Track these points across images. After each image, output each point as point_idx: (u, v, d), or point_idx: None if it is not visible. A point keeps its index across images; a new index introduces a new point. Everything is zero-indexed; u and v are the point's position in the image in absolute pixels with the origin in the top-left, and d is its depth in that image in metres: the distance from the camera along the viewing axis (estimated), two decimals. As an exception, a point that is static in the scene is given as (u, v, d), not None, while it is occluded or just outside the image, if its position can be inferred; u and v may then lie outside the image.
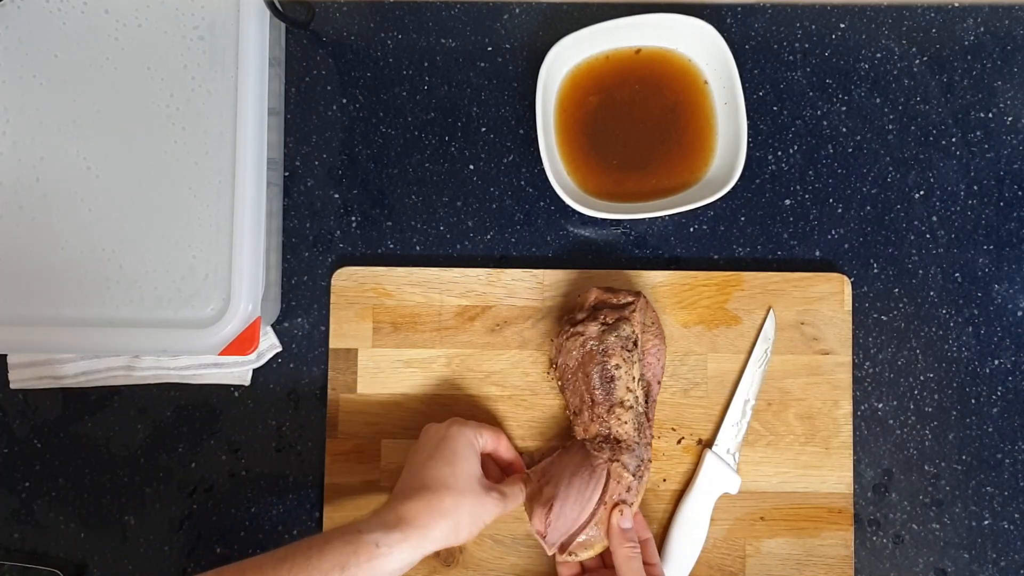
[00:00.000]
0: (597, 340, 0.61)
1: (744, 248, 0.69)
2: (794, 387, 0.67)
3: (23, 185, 0.63)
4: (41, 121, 0.63)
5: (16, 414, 0.68)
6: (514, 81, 0.70)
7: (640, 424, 0.62)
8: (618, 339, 0.61)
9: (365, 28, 0.71)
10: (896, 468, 0.68)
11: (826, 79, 0.70)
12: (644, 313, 0.64)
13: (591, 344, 0.61)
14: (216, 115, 0.63)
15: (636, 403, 0.61)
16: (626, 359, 0.61)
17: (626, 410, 0.61)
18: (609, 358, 0.61)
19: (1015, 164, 0.70)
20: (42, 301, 0.62)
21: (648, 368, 0.64)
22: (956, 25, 0.70)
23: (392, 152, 0.70)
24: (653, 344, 0.64)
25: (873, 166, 0.70)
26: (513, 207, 0.70)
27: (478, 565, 0.65)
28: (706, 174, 0.67)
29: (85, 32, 0.64)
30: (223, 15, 0.64)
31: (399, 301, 0.67)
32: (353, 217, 0.70)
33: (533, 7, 0.71)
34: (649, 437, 0.63)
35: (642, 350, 0.63)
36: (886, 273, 0.69)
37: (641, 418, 0.62)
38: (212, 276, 0.62)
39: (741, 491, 0.65)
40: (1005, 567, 0.67)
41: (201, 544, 0.67)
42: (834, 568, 0.65)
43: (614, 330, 0.61)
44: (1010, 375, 0.68)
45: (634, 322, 0.62)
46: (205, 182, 0.63)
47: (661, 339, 0.65)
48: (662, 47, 0.68)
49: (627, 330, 0.61)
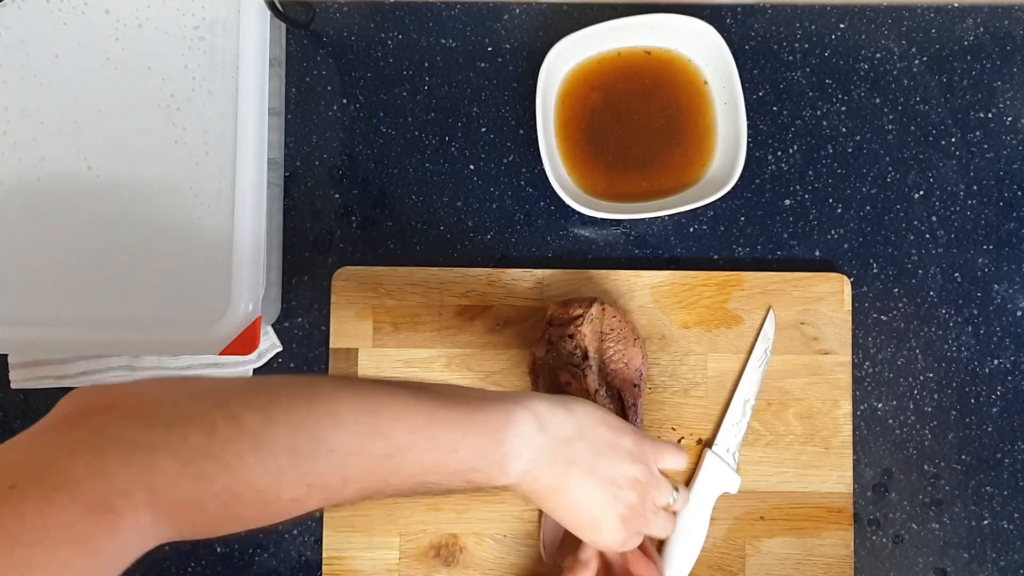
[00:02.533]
0: (543, 359, 0.62)
1: (744, 248, 0.69)
2: (794, 387, 0.67)
3: (23, 185, 0.63)
4: (41, 121, 0.63)
5: (16, 414, 0.68)
6: (514, 81, 0.70)
7: None
8: (560, 356, 0.61)
9: (365, 28, 0.71)
10: (896, 468, 0.68)
11: (826, 79, 0.70)
12: (599, 321, 0.62)
13: (539, 363, 0.63)
14: (216, 115, 0.63)
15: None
16: (575, 374, 0.61)
17: None
18: (557, 375, 0.61)
19: (1015, 164, 0.70)
20: (42, 301, 0.62)
21: (615, 375, 0.63)
22: (956, 25, 0.70)
23: (392, 152, 0.70)
24: (616, 351, 0.63)
25: (873, 166, 0.70)
26: (513, 207, 0.70)
27: (478, 565, 0.65)
28: (706, 174, 0.67)
29: (85, 32, 0.64)
30: (223, 15, 0.64)
31: (399, 301, 0.67)
32: (353, 217, 0.70)
33: (533, 7, 0.71)
34: None
35: (602, 359, 0.62)
36: (886, 273, 0.69)
37: None
38: (212, 276, 0.62)
39: (741, 491, 0.65)
40: (1005, 567, 0.67)
41: (202, 543, 0.67)
42: (834, 568, 0.65)
43: (556, 348, 0.62)
44: (1010, 375, 0.68)
45: (580, 335, 0.61)
46: (205, 182, 0.63)
47: (628, 343, 0.63)
48: (662, 47, 0.68)
49: (569, 346, 0.61)
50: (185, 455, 0.38)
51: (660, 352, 0.67)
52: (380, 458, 0.44)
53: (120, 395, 0.41)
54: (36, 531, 0.34)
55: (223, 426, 0.39)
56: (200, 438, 0.38)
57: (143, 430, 0.38)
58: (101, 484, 0.36)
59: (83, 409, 0.40)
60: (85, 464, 0.36)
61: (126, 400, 0.40)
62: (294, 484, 0.41)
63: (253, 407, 0.41)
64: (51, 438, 0.38)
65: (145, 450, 0.37)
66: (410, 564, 0.65)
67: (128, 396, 0.41)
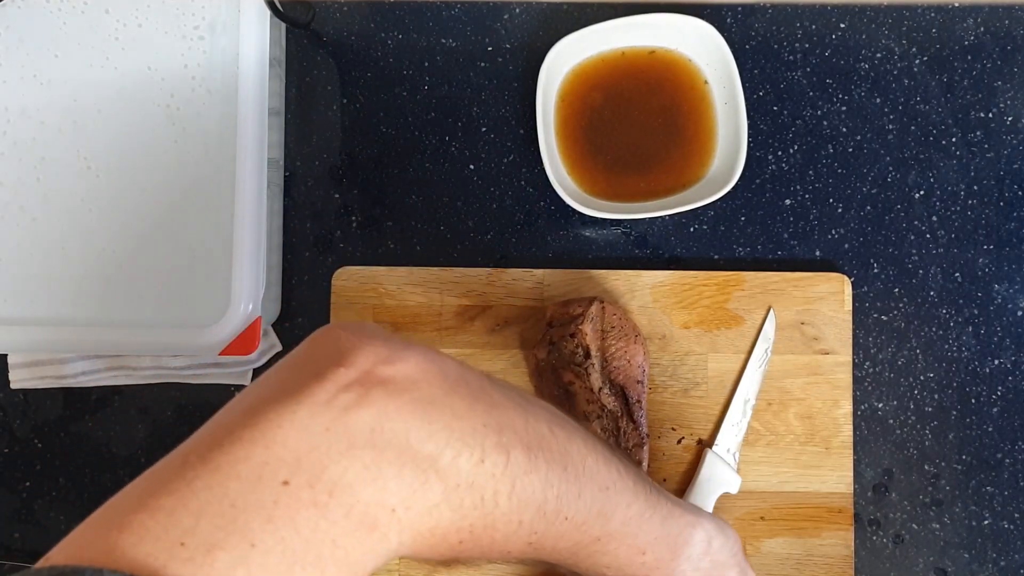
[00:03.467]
0: (546, 360, 0.62)
1: (744, 248, 0.69)
2: (794, 387, 0.67)
3: (23, 185, 0.63)
4: (41, 121, 0.63)
5: (16, 414, 0.68)
6: (514, 81, 0.70)
7: (619, 430, 0.62)
8: (562, 357, 0.61)
9: (365, 28, 0.71)
10: (896, 468, 0.68)
11: (826, 79, 0.70)
12: (599, 320, 0.63)
13: (542, 365, 0.63)
14: (216, 115, 0.63)
15: (604, 413, 0.62)
16: (579, 373, 0.61)
17: (591, 422, 0.61)
18: (560, 376, 0.61)
19: (1015, 164, 0.70)
20: (42, 301, 0.62)
21: (618, 372, 0.63)
22: (956, 25, 0.70)
23: (392, 152, 0.70)
24: (618, 348, 0.63)
25: (873, 166, 0.70)
26: (513, 207, 0.70)
27: (479, 565, 0.65)
28: (706, 174, 0.67)
29: (85, 32, 0.64)
30: (223, 15, 0.64)
31: (399, 301, 0.67)
32: (353, 217, 0.70)
33: (533, 7, 0.71)
34: (635, 440, 0.63)
35: (604, 357, 0.63)
36: (886, 273, 0.69)
37: (620, 423, 0.62)
38: (212, 276, 0.62)
39: (741, 491, 0.65)
40: (1005, 567, 0.67)
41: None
42: (834, 568, 0.65)
43: (558, 349, 0.62)
44: (1010, 375, 0.68)
45: (582, 334, 0.61)
46: (205, 182, 0.63)
47: (630, 340, 0.64)
48: (662, 47, 0.68)
49: (570, 345, 0.61)
50: (450, 480, 0.34)
51: (660, 352, 0.67)
52: (592, 540, 0.41)
53: (401, 368, 0.35)
54: (312, 547, 0.30)
55: (491, 457, 0.35)
56: (469, 464, 0.34)
57: (424, 438, 0.33)
58: (374, 496, 0.31)
59: (363, 379, 0.33)
60: (362, 467, 0.31)
61: (405, 379, 0.34)
62: (522, 542, 0.38)
63: (522, 445, 0.37)
64: (325, 418, 0.32)
65: (422, 465, 0.33)
66: (410, 564, 0.65)
67: (409, 374, 0.35)
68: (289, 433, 0.31)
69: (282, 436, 0.31)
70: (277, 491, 0.29)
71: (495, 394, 0.38)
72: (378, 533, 0.31)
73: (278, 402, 0.32)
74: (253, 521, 0.29)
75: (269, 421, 0.31)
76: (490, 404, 0.37)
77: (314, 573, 0.29)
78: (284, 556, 0.29)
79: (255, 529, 0.29)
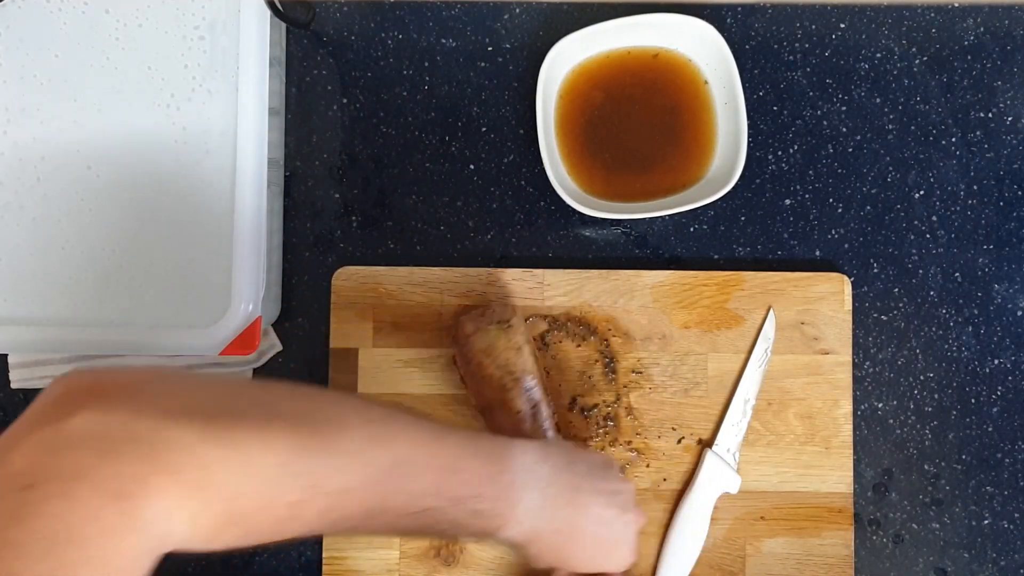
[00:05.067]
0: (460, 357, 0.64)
1: (744, 248, 0.69)
2: (794, 387, 0.67)
3: (23, 185, 0.63)
4: (41, 121, 0.63)
5: (17, 414, 0.67)
6: (514, 81, 0.70)
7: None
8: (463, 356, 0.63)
9: (365, 28, 0.71)
10: (896, 468, 0.68)
11: (826, 79, 0.70)
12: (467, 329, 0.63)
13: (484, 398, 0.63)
14: (216, 115, 0.63)
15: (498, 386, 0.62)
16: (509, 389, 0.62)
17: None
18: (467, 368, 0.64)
19: (1015, 164, 0.70)
20: (42, 301, 0.62)
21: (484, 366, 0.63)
22: (956, 25, 0.70)
23: (392, 152, 0.70)
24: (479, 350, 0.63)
25: (873, 166, 0.70)
26: (513, 207, 0.70)
27: (479, 565, 0.65)
28: (706, 174, 0.67)
29: (85, 32, 0.64)
30: (223, 15, 0.63)
31: (399, 301, 0.67)
32: (353, 217, 0.70)
33: (533, 7, 0.71)
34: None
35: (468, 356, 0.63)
36: (886, 273, 0.69)
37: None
38: (212, 276, 0.62)
39: (741, 491, 0.65)
40: (1005, 567, 0.67)
41: (201, 544, 0.67)
42: (834, 568, 0.65)
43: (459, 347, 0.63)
44: (1010, 375, 0.68)
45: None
46: (205, 182, 0.63)
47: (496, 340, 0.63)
48: (662, 47, 0.68)
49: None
50: (185, 441, 0.37)
51: (660, 352, 0.67)
52: (383, 468, 0.43)
53: (106, 380, 0.40)
54: (66, 529, 0.32)
55: (223, 418, 0.39)
56: (193, 434, 0.37)
57: (141, 417, 0.37)
58: (114, 470, 0.35)
59: (75, 394, 0.39)
60: (95, 450, 0.35)
61: (112, 385, 0.39)
62: (294, 485, 0.40)
63: (256, 402, 0.41)
64: (54, 428, 0.36)
65: (152, 437, 0.36)
66: (410, 564, 0.65)
67: (115, 382, 0.39)
68: (22, 450, 0.36)
69: (16, 454, 0.36)
70: (22, 496, 0.33)
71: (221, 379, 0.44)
72: (132, 500, 0.34)
73: (10, 436, 0.38)
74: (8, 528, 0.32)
75: (8, 449, 0.36)
76: (213, 386, 0.42)
77: (73, 548, 0.32)
78: (39, 545, 0.32)
79: (9, 530, 0.32)
